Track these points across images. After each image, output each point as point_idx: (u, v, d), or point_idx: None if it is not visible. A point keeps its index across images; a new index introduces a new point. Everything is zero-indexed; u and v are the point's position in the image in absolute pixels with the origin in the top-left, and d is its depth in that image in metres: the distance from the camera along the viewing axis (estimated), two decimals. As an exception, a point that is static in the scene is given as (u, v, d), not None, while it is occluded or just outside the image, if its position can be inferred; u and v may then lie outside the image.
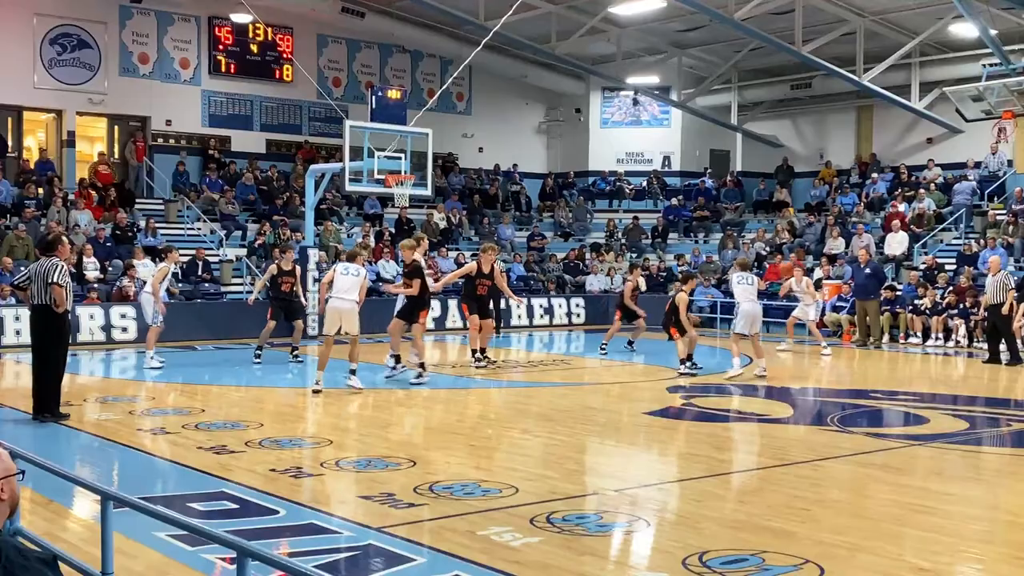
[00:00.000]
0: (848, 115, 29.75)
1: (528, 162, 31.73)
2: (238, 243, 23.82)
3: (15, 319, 17.75)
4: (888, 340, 20.53)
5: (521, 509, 6.93)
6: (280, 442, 9.39)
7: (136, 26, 25.30)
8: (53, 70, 24.08)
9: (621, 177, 30.88)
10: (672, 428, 10.79)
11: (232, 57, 26.62)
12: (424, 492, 7.40)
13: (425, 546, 6.15)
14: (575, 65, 28.24)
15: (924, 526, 6.79)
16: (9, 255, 19.63)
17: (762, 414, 11.66)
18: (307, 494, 7.52)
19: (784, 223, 27.04)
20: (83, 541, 5.98)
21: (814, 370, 16.91)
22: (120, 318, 19.02)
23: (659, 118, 31.28)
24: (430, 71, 29.76)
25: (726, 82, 29.92)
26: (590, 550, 6.13)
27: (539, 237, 28.38)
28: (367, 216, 26.24)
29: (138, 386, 13.79)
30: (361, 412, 12.13)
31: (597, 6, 24.41)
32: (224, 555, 5.65)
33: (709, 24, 24.95)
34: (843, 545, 6.19)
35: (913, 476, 8.50)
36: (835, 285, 22.48)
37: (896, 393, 13.67)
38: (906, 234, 23.74)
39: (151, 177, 25.41)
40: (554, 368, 16.22)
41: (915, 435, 10.52)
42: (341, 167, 19.85)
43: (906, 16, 24.03)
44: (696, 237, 28.72)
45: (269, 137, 27.49)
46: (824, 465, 8.81)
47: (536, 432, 10.43)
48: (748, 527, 6.61)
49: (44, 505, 6.88)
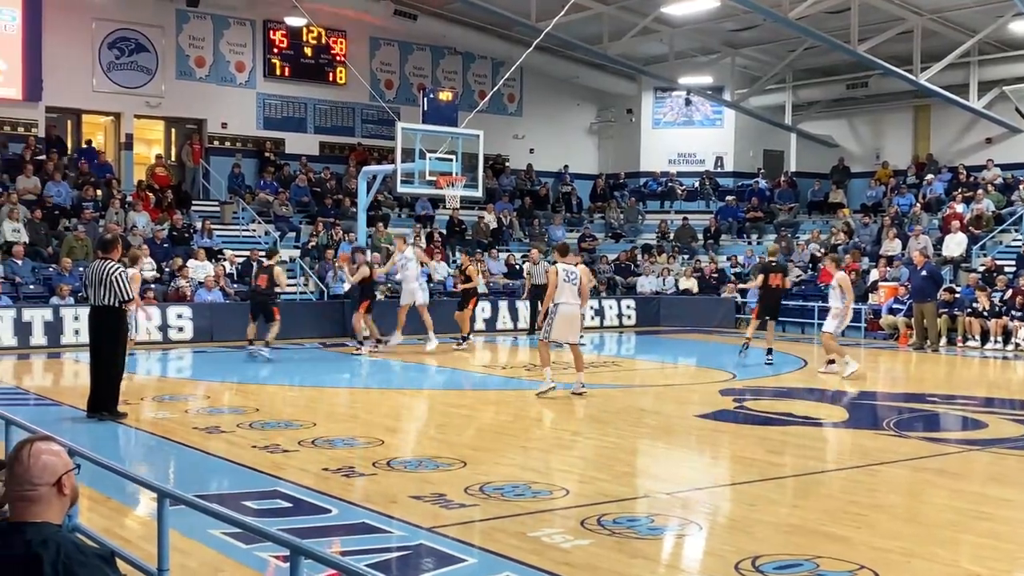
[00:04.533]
0: (905, 115, 29.31)
1: (579, 163, 31.67)
2: (292, 244, 24.05)
3: (74, 319, 18.06)
4: (946, 343, 20.20)
5: (572, 511, 6.92)
6: (333, 442, 9.46)
7: (192, 30, 25.66)
8: (111, 74, 24.50)
9: (673, 178, 30.71)
10: (724, 431, 10.70)
11: (286, 60, 26.88)
12: (475, 493, 7.41)
13: (476, 547, 6.16)
14: (627, 65, 28.14)
15: (981, 532, 6.68)
16: (69, 256, 19.99)
17: (816, 418, 11.53)
18: (359, 493, 7.57)
19: (840, 224, 26.73)
20: (140, 538, 6.07)
21: (870, 374, 16.69)
22: (176, 318, 19.28)
23: (712, 118, 31.06)
24: (481, 73, 29.84)
25: (780, 82, 29.64)
26: (641, 553, 6.10)
27: (590, 238, 28.31)
28: (418, 217, 26.37)
29: (194, 385, 13.97)
30: (412, 412, 12.19)
31: (649, 6, 24.30)
32: (277, 553, 5.70)
33: (763, 23, 24.74)
34: (898, 551, 6.10)
35: (970, 481, 8.36)
36: (891, 287, 22.17)
37: (954, 397, 13.45)
38: (964, 235, 23.34)
39: (207, 179, 25.74)
40: (605, 370, 16.17)
41: (973, 440, 10.35)
42: (393, 169, 19.97)
43: (964, 14, 23.64)
44: (749, 238, 28.49)
45: (323, 139, 27.72)
46: (880, 470, 8.70)
47: (587, 434, 10.41)
48: (802, 532, 6.54)
49: (102, 502, 6.99)
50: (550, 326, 12.35)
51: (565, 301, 12.25)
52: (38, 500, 3.07)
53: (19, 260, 19.46)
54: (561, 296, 12.24)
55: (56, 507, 3.11)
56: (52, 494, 3.09)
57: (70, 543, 3.03)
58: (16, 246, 19.68)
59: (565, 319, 12.30)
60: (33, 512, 3.06)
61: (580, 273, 12.66)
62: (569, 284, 12.30)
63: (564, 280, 12.26)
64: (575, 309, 12.42)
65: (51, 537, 3.01)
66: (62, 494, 3.12)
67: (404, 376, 15.41)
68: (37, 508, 3.07)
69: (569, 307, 12.30)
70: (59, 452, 3.17)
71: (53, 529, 3.05)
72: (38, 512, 3.07)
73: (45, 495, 3.08)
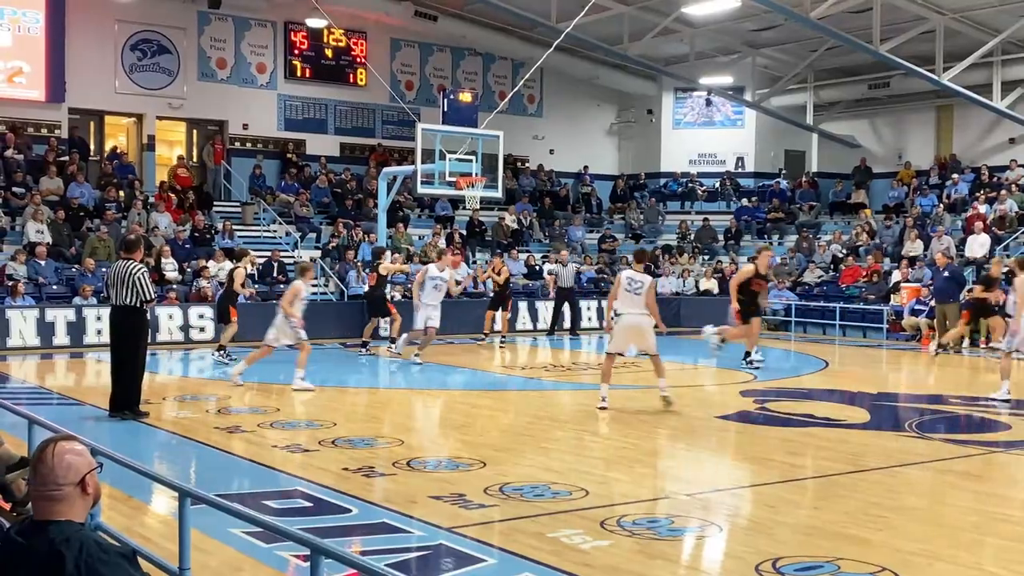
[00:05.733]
0: (927, 115, 29.13)
1: (599, 164, 31.63)
2: (312, 245, 24.13)
3: (96, 319, 18.19)
4: (968, 344, 20.05)
5: (592, 512, 6.91)
6: (353, 441, 9.48)
7: (214, 32, 25.79)
8: (134, 75, 24.64)
9: (694, 178, 30.64)
10: (745, 432, 10.66)
11: (307, 62, 26.97)
12: (494, 493, 7.42)
13: (495, 547, 6.17)
14: (647, 66, 28.09)
15: (1004, 535, 6.63)
16: (91, 256, 20.14)
17: (837, 419, 11.46)
18: (379, 493, 7.59)
19: (862, 224, 26.59)
20: (161, 536, 6.10)
21: (892, 375, 16.59)
22: (198, 318, 19.38)
23: (732, 119, 30.95)
24: (501, 74, 29.85)
25: (801, 82, 29.50)
26: (661, 554, 6.09)
27: (610, 239, 28.27)
28: (438, 218, 26.40)
29: (215, 385, 14.04)
30: (432, 413, 12.21)
31: (670, 6, 24.24)
32: (298, 552, 5.72)
33: (784, 23, 24.64)
34: (920, 553, 6.07)
35: (994, 484, 8.30)
36: (914, 288, 22.03)
37: (976, 398, 13.36)
38: (988, 236, 23.16)
39: (228, 180, 25.86)
40: (625, 370, 16.13)
41: (996, 442, 10.27)
42: (413, 170, 20.01)
43: (987, 14, 23.47)
44: (770, 239, 28.37)
45: (343, 140, 27.80)
46: (901, 472, 8.65)
47: (607, 435, 10.40)
48: (823, 534, 6.51)
49: (123, 501, 7.03)
50: (612, 336, 11.95)
51: (627, 311, 11.64)
52: (62, 499, 3.09)
53: (42, 260, 19.61)
54: (622, 305, 11.67)
55: (79, 506, 3.13)
56: (76, 493, 3.11)
57: (92, 541, 3.05)
58: (39, 247, 19.83)
59: (625, 329, 11.70)
60: (57, 511, 3.09)
61: (647, 283, 11.83)
62: (631, 293, 11.65)
63: (626, 289, 11.66)
64: (638, 319, 11.67)
65: (74, 535, 3.03)
66: (85, 493, 3.15)
67: (424, 377, 15.43)
68: (61, 507, 3.09)
69: (631, 317, 11.63)
70: (82, 452, 3.20)
71: (76, 527, 3.08)
72: (62, 511, 3.09)
73: (69, 495, 3.10)
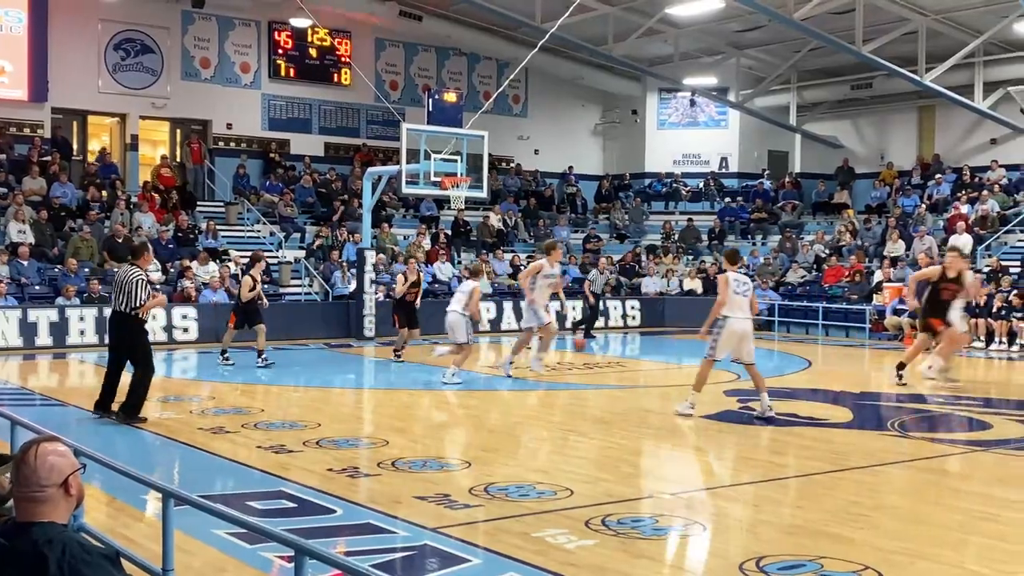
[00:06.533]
0: (910, 115, 29.28)
1: (584, 164, 31.67)
2: (297, 245, 24.08)
3: (79, 319, 18.11)
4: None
5: (576, 511, 6.92)
6: (337, 442, 9.47)
7: (197, 31, 25.69)
8: (117, 75, 24.53)
9: (678, 179, 30.72)
10: (729, 432, 10.69)
11: (291, 61, 26.90)
12: (479, 493, 7.42)
13: (480, 547, 6.17)
14: (632, 66, 28.14)
15: (987, 533, 6.67)
16: (74, 257, 20.03)
17: (820, 418, 11.51)
18: (364, 494, 7.58)
19: (845, 224, 26.71)
20: (144, 538, 6.08)
21: (874, 374, 16.68)
22: (181, 319, 19.31)
23: (716, 119, 31.04)
24: (486, 74, 29.85)
25: (785, 83, 29.63)
26: (645, 554, 6.10)
27: (595, 239, 28.32)
28: (423, 218, 26.39)
29: (199, 386, 14.00)
30: (417, 413, 12.20)
31: (654, 7, 24.29)
32: (282, 553, 5.71)
33: (768, 24, 24.72)
34: (903, 552, 6.10)
35: (975, 482, 8.35)
36: (896, 288, 22.14)
37: (958, 398, 13.43)
38: (969, 236, 23.30)
39: (212, 180, 25.78)
40: (609, 370, 16.19)
41: (978, 441, 10.33)
42: (398, 170, 19.98)
43: (969, 15, 23.61)
44: (754, 239, 28.48)
45: (327, 140, 27.74)
46: (884, 470, 8.69)
47: (592, 435, 10.41)
48: (806, 532, 6.54)
49: (107, 502, 7.01)
50: (716, 342, 11.00)
51: (735, 315, 10.89)
52: (45, 501, 3.08)
53: (25, 261, 19.50)
54: (732, 310, 10.86)
55: (62, 507, 3.12)
56: (59, 495, 3.11)
57: (75, 543, 3.05)
58: (22, 247, 19.72)
59: (734, 335, 10.91)
60: (40, 512, 3.08)
61: (751, 285, 11.23)
62: (740, 296, 10.93)
63: (735, 292, 10.87)
64: (746, 324, 10.99)
65: (57, 537, 3.02)
66: (68, 494, 3.14)
67: (408, 377, 15.41)
68: (44, 508, 3.08)
69: (740, 322, 10.91)
70: (65, 453, 3.19)
71: (59, 529, 3.07)
72: (45, 512, 3.08)
73: (52, 496, 3.09)
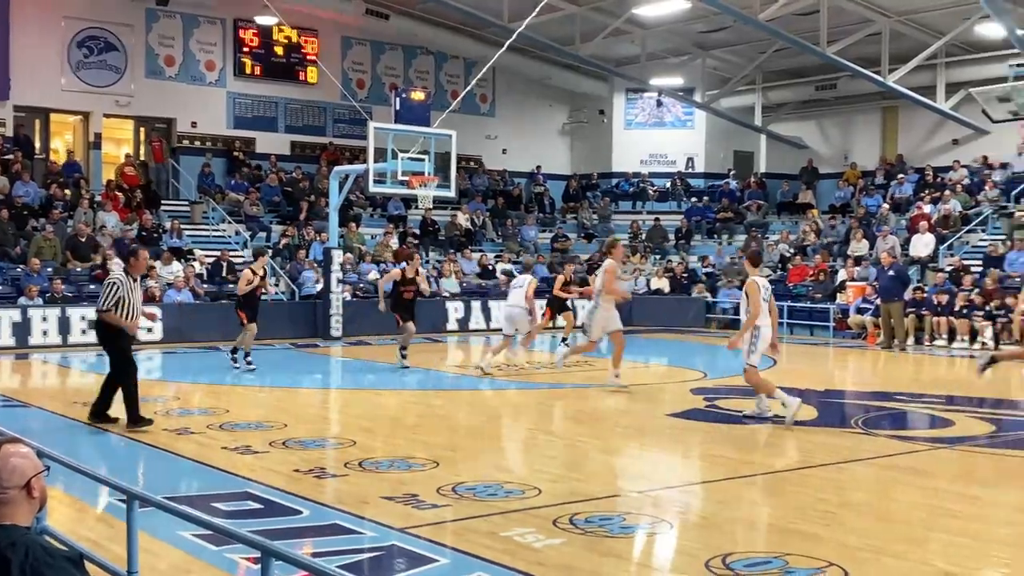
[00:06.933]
0: (873, 116, 29.56)
1: (552, 163, 31.71)
2: (262, 244, 23.91)
3: (42, 319, 17.91)
4: (913, 343, 20.37)
5: (544, 510, 6.93)
6: (304, 443, 9.43)
7: (162, 29, 25.47)
8: (80, 72, 24.28)
9: (645, 178, 30.84)
10: (695, 430, 10.75)
11: (257, 59, 26.75)
12: (447, 493, 7.41)
13: (448, 547, 6.16)
14: (599, 66, 28.20)
15: (950, 530, 6.74)
16: (37, 256, 19.80)
17: (785, 416, 11.58)
18: (331, 495, 7.54)
19: (809, 224, 26.92)
20: (108, 540, 6.02)
21: (838, 372, 16.82)
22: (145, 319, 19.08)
23: (683, 120, 31.19)
24: (454, 73, 29.81)
25: (750, 83, 29.81)
26: (613, 552, 6.12)
27: (563, 239, 28.37)
28: (391, 217, 26.32)
29: (163, 386, 13.87)
30: (384, 413, 12.16)
31: (621, 7, 24.37)
32: (248, 555, 5.68)
33: (733, 25, 24.87)
34: (868, 548, 6.15)
35: (939, 479, 8.43)
36: (859, 287, 22.36)
37: (921, 396, 13.57)
38: (932, 236, 23.56)
39: (177, 179, 25.57)
40: (577, 369, 16.19)
41: (941, 438, 10.44)
42: (365, 168, 19.92)
43: (932, 16, 23.86)
44: (720, 238, 28.64)
45: (294, 139, 27.61)
46: (848, 468, 8.77)
47: (559, 433, 10.42)
48: (772, 529, 6.58)
49: (70, 504, 6.94)
50: (754, 347, 10.84)
51: (766, 323, 10.81)
52: (7, 503, 3.05)
53: (-14, 260, 19.27)
54: (762, 317, 10.76)
55: (25, 509, 3.09)
56: (21, 497, 3.07)
57: (38, 545, 3.01)
58: (-17, 246, 19.49)
59: (766, 341, 10.90)
60: (2, 515, 3.04)
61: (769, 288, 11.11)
62: (766, 302, 10.88)
63: (764, 299, 10.77)
64: (770, 330, 10.98)
65: (19, 539, 2.99)
66: (31, 497, 3.10)
67: (376, 377, 15.37)
68: (6, 511, 3.04)
69: (768, 329, 10.87)
70: (28, 454, 3.15)
71: (21, 531, 3.03)
72: (6, 514, 3.04)
73: (14, 498, 3.06)
